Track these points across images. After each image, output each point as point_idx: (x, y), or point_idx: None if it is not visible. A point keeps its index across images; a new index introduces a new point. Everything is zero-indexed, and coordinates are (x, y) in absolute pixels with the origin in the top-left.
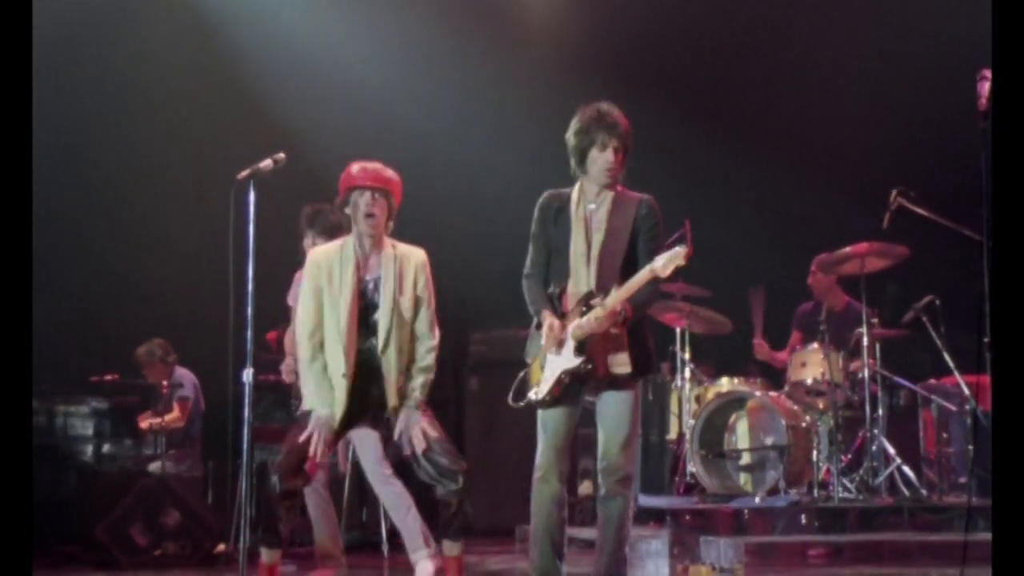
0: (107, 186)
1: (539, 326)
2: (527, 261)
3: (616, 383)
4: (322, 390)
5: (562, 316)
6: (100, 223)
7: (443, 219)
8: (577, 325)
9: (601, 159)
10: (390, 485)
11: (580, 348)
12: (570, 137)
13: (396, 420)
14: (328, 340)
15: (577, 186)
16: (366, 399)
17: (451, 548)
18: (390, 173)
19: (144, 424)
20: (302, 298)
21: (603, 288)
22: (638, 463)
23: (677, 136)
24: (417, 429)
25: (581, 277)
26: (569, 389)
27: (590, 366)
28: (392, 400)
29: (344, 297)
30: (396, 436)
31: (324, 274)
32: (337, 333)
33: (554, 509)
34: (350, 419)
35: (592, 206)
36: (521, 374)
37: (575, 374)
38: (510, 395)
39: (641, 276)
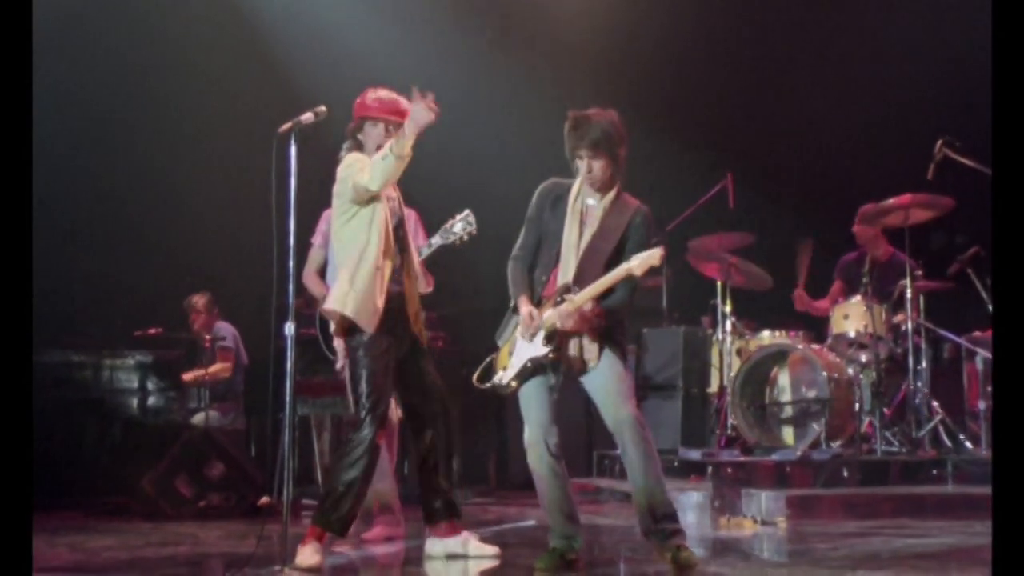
0: (149, 143)
1: (515, 309)
2: (517, 243)
3: (586, 368)
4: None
5: (539, 302)
6: (144, 179)
7: (480, 185)
8: (548, 316)
9: (580, 167)
10: None
11: (549, 338)
12: None
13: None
14: (369, 257)
15: (579, 179)
16: (404, 325)
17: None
18: (404, 104)
19: (188, 377)
20: (360, 191)
21: (581, 281)
22: (674, 415)
23: (719, 90)
24: None
25: (569, 267)
26: (534, 374)
27: (554, 356)
28: (416, 325)
29: (381, 213)
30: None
31: None
32: (377, 250)
33: (554, 480)
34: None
35: (591, 201)
36: (489, 358)
37: (540, 363)
38: (475, 376)
39: (615, 273)
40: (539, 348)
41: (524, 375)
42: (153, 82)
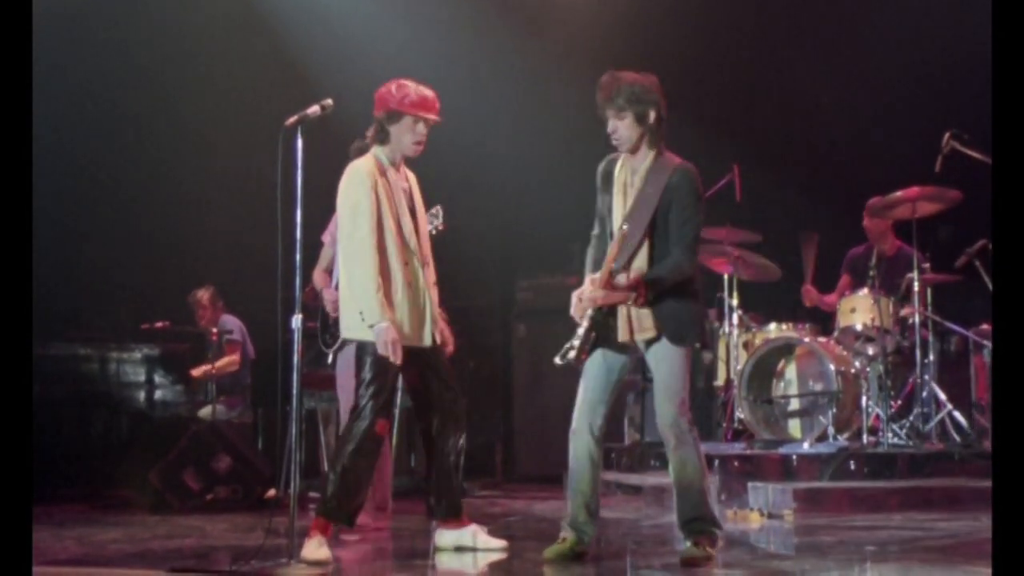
0: (155, 135)
1: None
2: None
3: (652, 343)
4: (385, 304)
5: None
6: (150, 172)
7: (488, 168)
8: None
9: (609, 128)
10: None
11: (593, 315)
12: None
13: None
14: (390, 248)
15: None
16: (418, 320)
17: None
18: (429, 95)
19: (197, 373)
20: (361, 211)
21: (622, 250)
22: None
23: (725, 83)
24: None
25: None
26: (596, 347)
27: (594, 334)
28: (435, 324)
29: (398, 202)
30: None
31: (378, 181)
32: (397, 239)
33: (587, 464)
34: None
35: (632, 170)
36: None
37: (588, 339)
38: (559, 355)
39: (615, 241)
40: (585, 323)
41: (587, 351)
42: (158, 74)
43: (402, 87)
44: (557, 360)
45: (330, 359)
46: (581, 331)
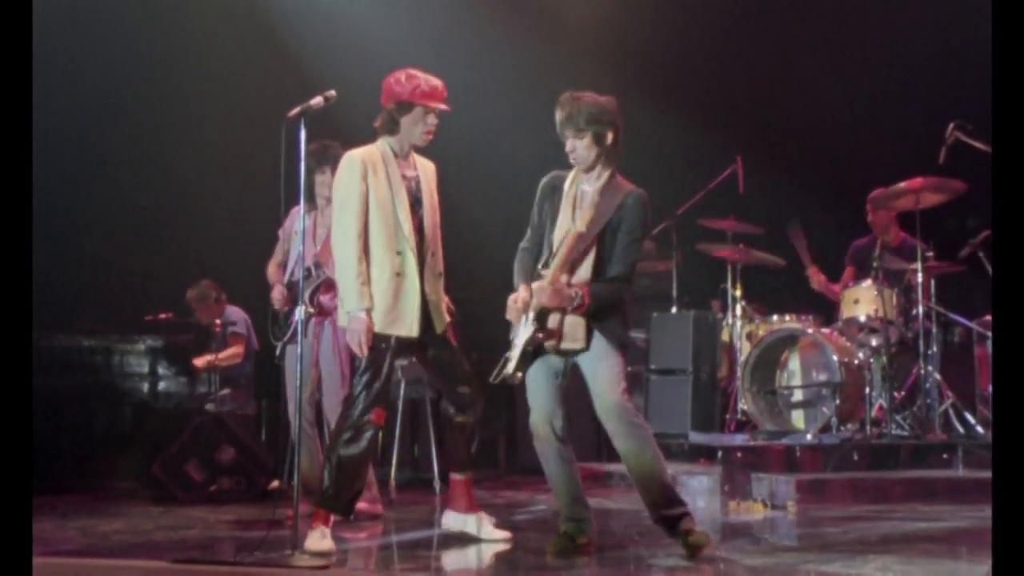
0: (158, 127)
1: None
2: (525, 236)
3: (565, 343)
4: (364, 293)
5: None
6: (153, 163)
7: (488, 169)
8: (533, 296)
9: (567, 148)
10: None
11: (537, 317)
12: None
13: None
14: (378, 237)
15: (576, 167)
16: (411, 309)
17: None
18: (437, 83)
19: (200, 363)
20: (349, 199)
21: (570, 259)
22: (684, 399)
23: (729, 73)
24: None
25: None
26: (535, 358)
27: (541, 335)
28: (439, 315)
29: (396, 192)
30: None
31: (371, 170)
32: (389, 228)
33: (560, 464)
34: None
35: (586, 187)
36: (504, 355)
37: (535, 344)
38: (492, 375)
39: (569, 239)
40: (528, 328)
41: (526, 360)
42: (161, 66)
43: (411, 77)
44: (492, 379)
45: (278, 351)
46: (517, 349)
